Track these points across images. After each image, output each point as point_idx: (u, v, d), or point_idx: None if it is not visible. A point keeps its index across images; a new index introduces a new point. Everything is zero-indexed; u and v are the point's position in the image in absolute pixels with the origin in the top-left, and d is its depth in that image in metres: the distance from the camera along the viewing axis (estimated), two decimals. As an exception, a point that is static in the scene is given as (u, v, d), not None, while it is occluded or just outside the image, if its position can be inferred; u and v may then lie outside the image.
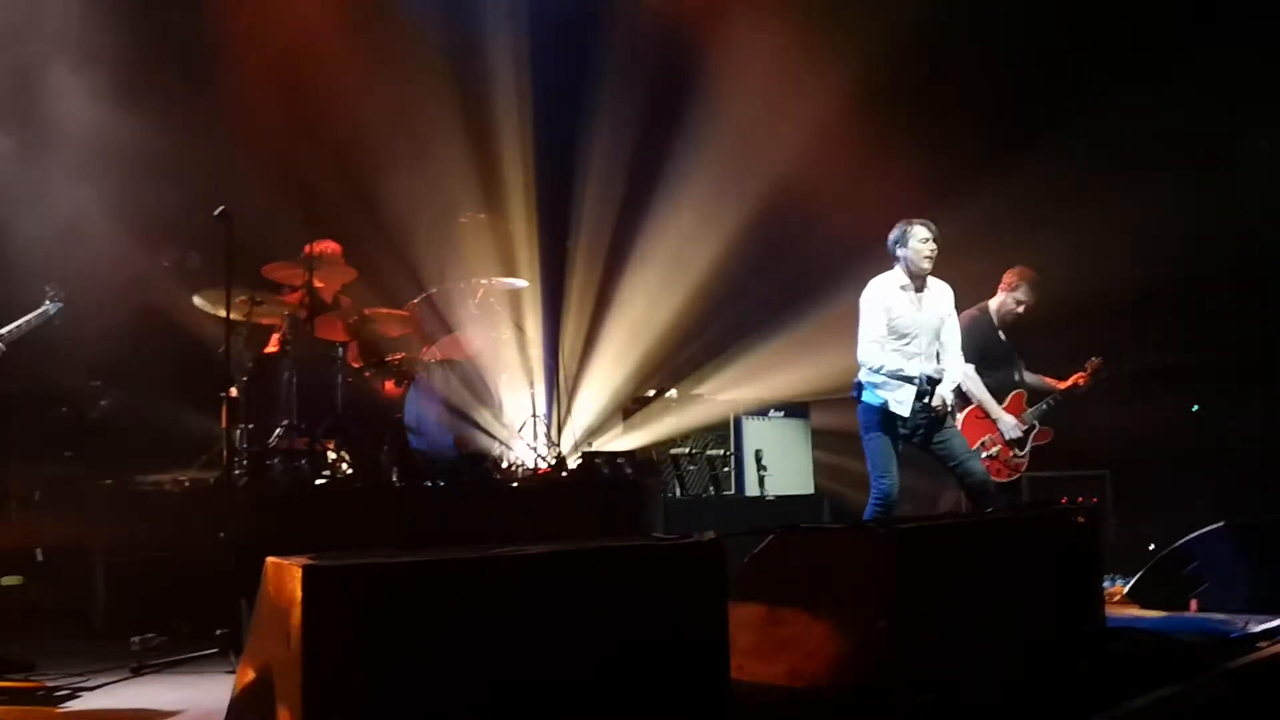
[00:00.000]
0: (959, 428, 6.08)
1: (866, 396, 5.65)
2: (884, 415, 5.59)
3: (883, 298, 5.63)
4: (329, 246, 6.91)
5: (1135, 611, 5.63)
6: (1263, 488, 7.40)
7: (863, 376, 5.68)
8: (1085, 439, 7.25)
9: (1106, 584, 5.84)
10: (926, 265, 5.57)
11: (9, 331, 5.51)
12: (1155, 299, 8.22)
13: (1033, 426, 6.76)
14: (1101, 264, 7.63)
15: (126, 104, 6.75)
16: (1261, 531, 5.85)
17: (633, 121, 8.62)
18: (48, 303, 5.62)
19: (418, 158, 7.99)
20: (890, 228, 5.78)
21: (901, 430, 5.60)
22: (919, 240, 5.57)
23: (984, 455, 6.45)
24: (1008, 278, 6.68)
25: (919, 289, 5.64)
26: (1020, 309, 6.70)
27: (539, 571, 2.85)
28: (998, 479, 6.52)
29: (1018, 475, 6.67)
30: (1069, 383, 6.88)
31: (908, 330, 5.63)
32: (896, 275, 5.67)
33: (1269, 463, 7.69)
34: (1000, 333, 6.69)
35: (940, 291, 5.74)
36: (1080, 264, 7.29)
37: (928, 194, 7.55)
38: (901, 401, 5.55)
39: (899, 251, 5.64)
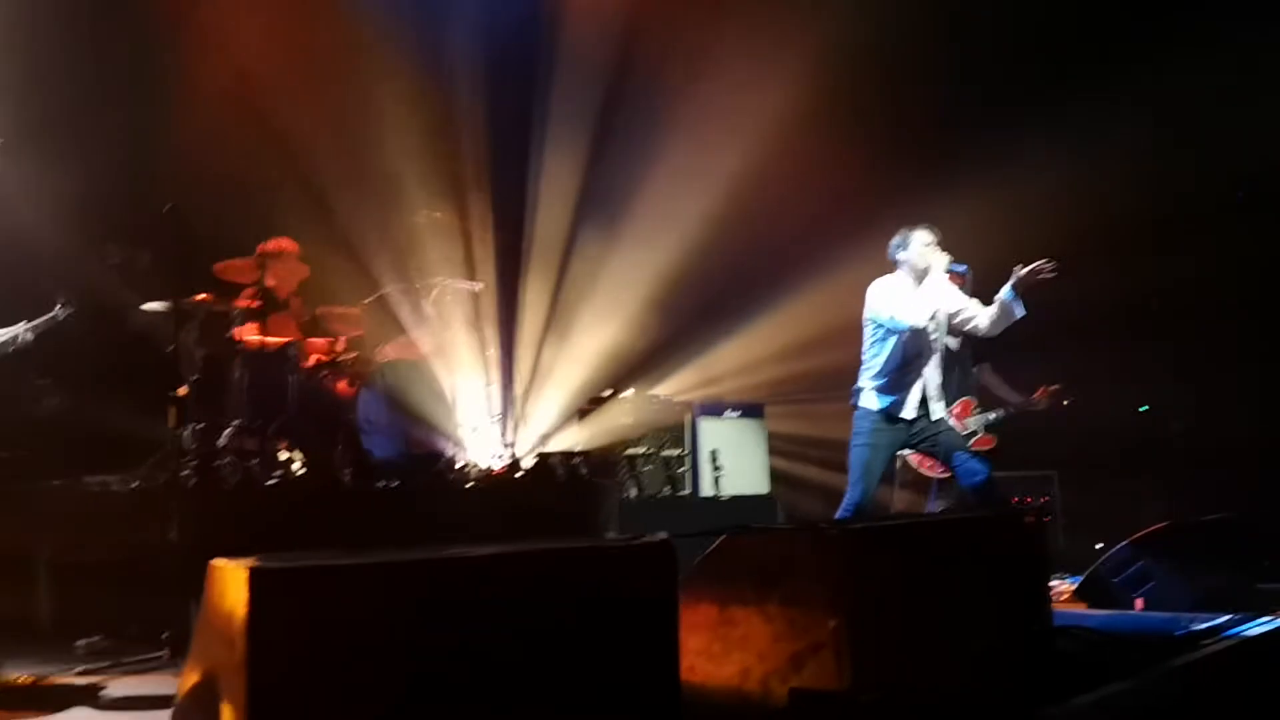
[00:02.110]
0: None
1: (865, 401, 5.57)
2: (881, 420, 5.52)
3: (895, 288, 5.56)
4: (284, 244, 6.84)
5: (1082, 610, 5.69)
6: (1207, 488, 7.53)
7: (863, 381, 5.61)
8: (1033, 440, 7.33)
9: (1054, 583, 5.92)
10: (926, 268, 5.49)
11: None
12: (1103, 297, 8.34)
13: (975, 432, 6.83)
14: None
15: (72, 97, 6.65)
16: (1205, 531, 5.96)
17: (590, 121, 8.63)
18: (59, 308, 5.57)
19: (372, 156, 7.94)
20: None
21: (901, 436, 5.56)
22: (922, 244, 5.50)
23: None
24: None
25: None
26: None
27: (488, 573, 2.84)
28: (930, 474, 6.62)
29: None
30: (1023, 398, 6.95)
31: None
32: (900, 278, 5.59)
33: (1214, 463, 7.83)
34: (950, 341, 6.71)
35: (943, 291, 5.63)
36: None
37: (883, 196, 7.62)
38: (906, 404, 5.52)
39: (900, 256, 5.57)
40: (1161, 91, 8.12)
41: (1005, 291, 5.41)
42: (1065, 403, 7.01)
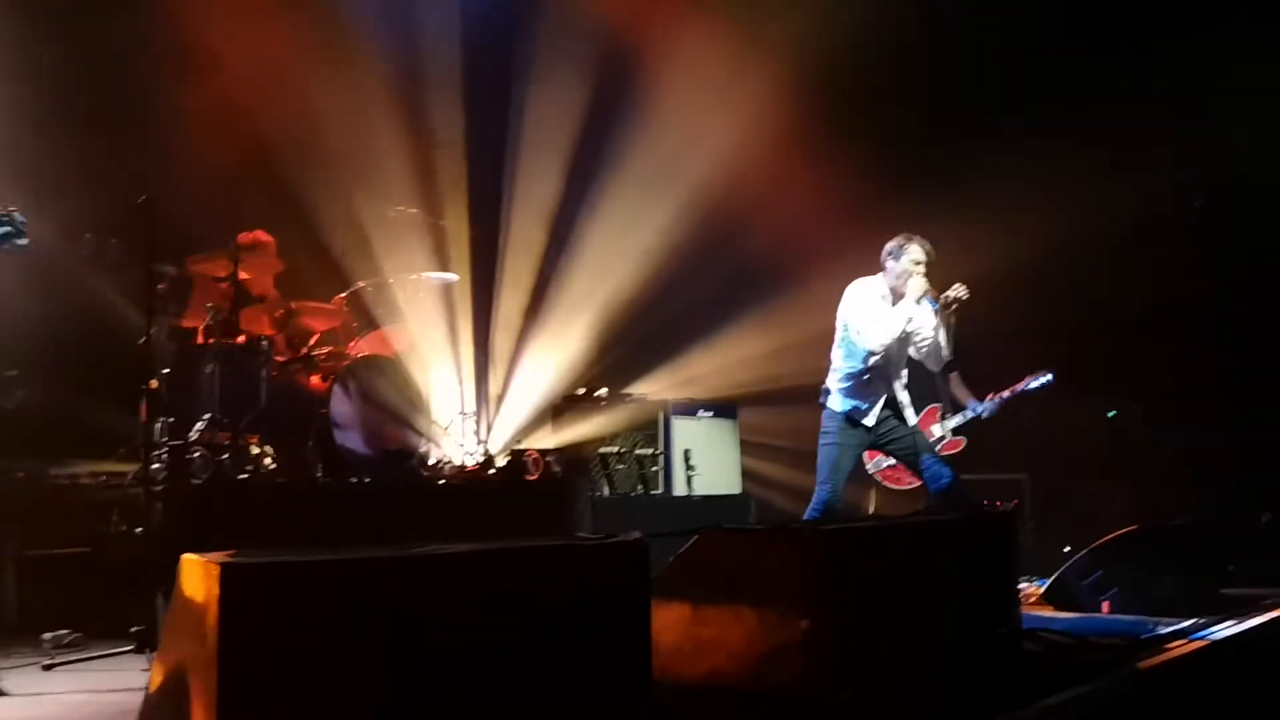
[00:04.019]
0: None
1: (832, 402, 5.59)
2: (846, 423, 5.54)
3: (870, 298, 5.53)
4: (260, 237, 6.80)
5: (1050, 612, 5.75)
6: (1173, 493, 7.62)
7: (831, 383, 5.62)
8: (1004, 443, 7.39)
9: (1023, 585, 5.97)
10: (903, 287, 5.45)
11: None
12: (1075, 305, 8.42)
13: (944, 436, 6.89)
14: (1024, 272, 7.79)
15: (46, 84, 6.60)
16: (1171, 536, 6.03)
17: (568, 117, 8.61)
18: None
19: (348, 150, 7.89)
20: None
21: (867, 437, 5.57)
22: (911, 261, 5.44)
23: (886, 464, 6.61)
24: None
25: (895, 303, 5.51)
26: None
27: (461, 570, 2.84)
28: (897, 487, 6.68)
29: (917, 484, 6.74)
30: (992, 399, 6.99)
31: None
32: (878, 284, 5.56)
33: (1180, 468, 7.92)
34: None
35: (920, 309, 5.54)
36: (1002, 270, 7.42)
37: (861, 203, 7.66)
38: (869, 407, 5.52)
39: (890, 264, 5.51)
40: (1130, 102, 8.22)
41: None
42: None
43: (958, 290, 5.37)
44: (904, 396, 5.62)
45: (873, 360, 5.49)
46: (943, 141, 8.36)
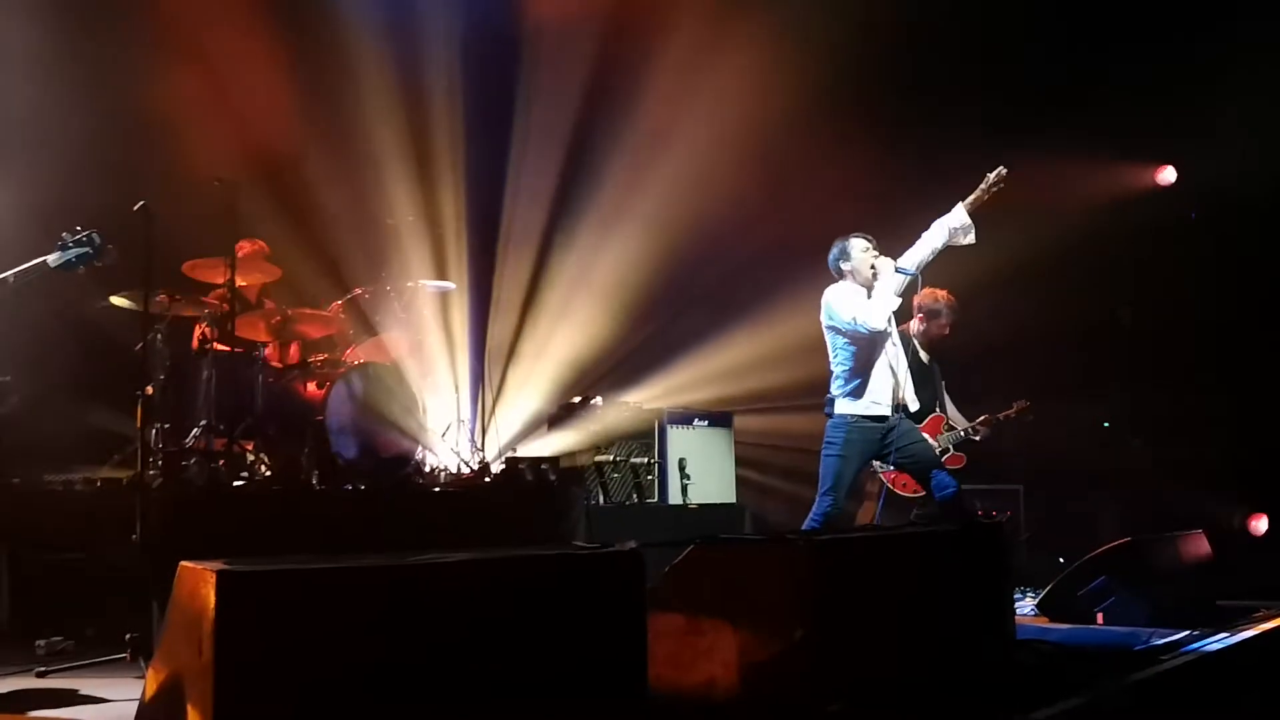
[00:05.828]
0: None
1: (840, 408, 5.55)
2: (855, 428, 5.49)
3: (849, 294, 5.56)
4: (254, 245, 6.81)
5: (1044, 624, 5.75)
6: (1168, 505, 7.63)
7: (834, 390, 5.60)
8: (1000, 455, 7.39)
9: (1017, 597, 5.98)
10: (872, 274, 5.53)
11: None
12: (1067, 313, 8.44)
13: (946, 449, 6.90)
14: (1017, 281, 7.81)
15: (42, 91, 6.60)
16: (1166, 548, 6.04)
17: (564, 127, 8.63)
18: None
19: (346, 157, 7.90)
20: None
21: (877, 447, 5.54)
22: (860, 251, 5.55)
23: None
24: (923, 301, 6.65)
25: (869, 297, 5.56)
26: (946, 331, 6.78)
27: (456, 579, 2.84)
28: (904, 493, 6.67)
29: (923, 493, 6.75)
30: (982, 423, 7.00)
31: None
32: (849, 285, 5.61)
33: (1174, 480, 7.93)
34: (922, 354, 6.75)
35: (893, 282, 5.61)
36: (995, 280, 7.43)
37: (854, 207, 7.66)
38: (879, 402, 5.51)
39: (844, 266, 5.59)
40: (1125, 107, 8.27)
41: (962, 212, 5.65)
42: (1029, 418, 7.07)
43: (998, 173, 5.62)
44: (905, 379, 5.59)
45: (860, 352, 5.50)
46: (933, 148, 8.37)
